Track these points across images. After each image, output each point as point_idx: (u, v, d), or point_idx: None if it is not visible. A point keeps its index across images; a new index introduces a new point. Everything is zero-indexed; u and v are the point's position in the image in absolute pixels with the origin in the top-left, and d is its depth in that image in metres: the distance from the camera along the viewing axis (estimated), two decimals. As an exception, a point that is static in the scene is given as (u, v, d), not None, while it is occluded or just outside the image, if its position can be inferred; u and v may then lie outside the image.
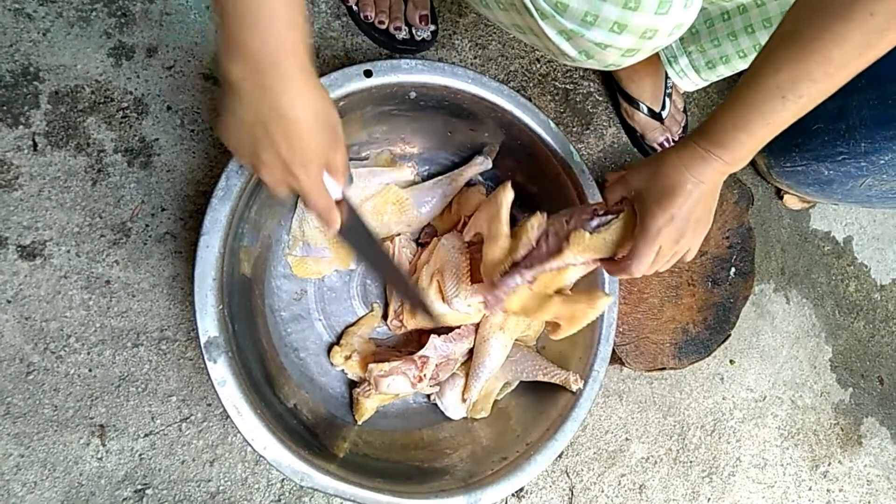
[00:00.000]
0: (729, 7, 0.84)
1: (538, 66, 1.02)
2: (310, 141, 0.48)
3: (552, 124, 0.83)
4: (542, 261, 0.67)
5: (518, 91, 0.92)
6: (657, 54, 0.95)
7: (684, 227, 0.62)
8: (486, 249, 0.72)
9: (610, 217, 0.67)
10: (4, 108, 0.78)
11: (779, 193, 1.21)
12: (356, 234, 0.69)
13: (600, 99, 1.07)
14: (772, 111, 0.53)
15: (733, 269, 1.07)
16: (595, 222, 0.67)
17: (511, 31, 0.67)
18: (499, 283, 0.69)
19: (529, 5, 0.58)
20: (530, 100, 0.85)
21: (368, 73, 0.74)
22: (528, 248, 0.69)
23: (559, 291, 0.70)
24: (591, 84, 1.07)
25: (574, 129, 1.05)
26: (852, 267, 1.29)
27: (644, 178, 0.63)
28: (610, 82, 1.05)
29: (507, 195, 0.73)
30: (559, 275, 0.68)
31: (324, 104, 0.48)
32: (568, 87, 1.05)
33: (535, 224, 0.69)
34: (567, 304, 0.69)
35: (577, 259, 0.67)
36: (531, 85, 1.02)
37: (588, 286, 0.87)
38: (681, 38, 0.91)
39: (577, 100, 1.05)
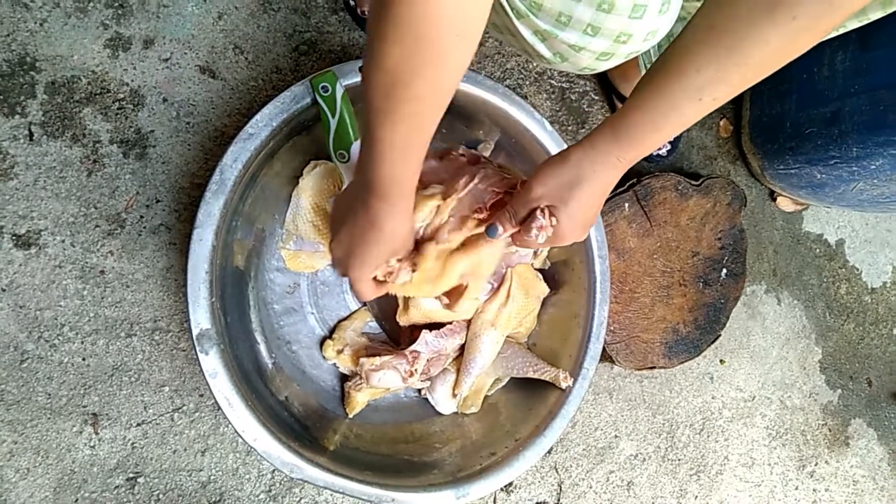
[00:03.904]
0: None
1: (534, 64, 1.03)
2: (380, 247, 0.61)
3: (547, 123, 0.84)
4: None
5: (514, 89, 0.92)
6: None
7: (577, 230, 0.62)
8: None
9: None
10: (1, 97, 0.78)
11: (772, 195, 1.22)
12: None
13: (596, 98, 1.08)
14: (688, 112, 0.51)
15: (725, 270, 1.08)
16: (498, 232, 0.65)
17: (489, 30, 0.67)
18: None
19: (505, 4, 0.58)
20: (526, 98, 0.85)
21: (364, 70, 0.75)
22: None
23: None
24: (587, 83, 1.07)
25: (569, 128, 1.06)
26: (844, 269, 1.30)
27: (555, 187, 0.59)
28: (605, 82, 1.06)
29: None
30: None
31: (404, 230, 0.61)
32: (564, 85, 1.05)
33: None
34: (469, 252, 0.69)
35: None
36: (527, 83, 1.02)
37: (577, 278, 0.87)
38: (658, 46, 0.91)
39: (573, 98, 1.06)
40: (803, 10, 0.43)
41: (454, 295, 0.75)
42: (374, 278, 0.67)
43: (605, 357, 1.01)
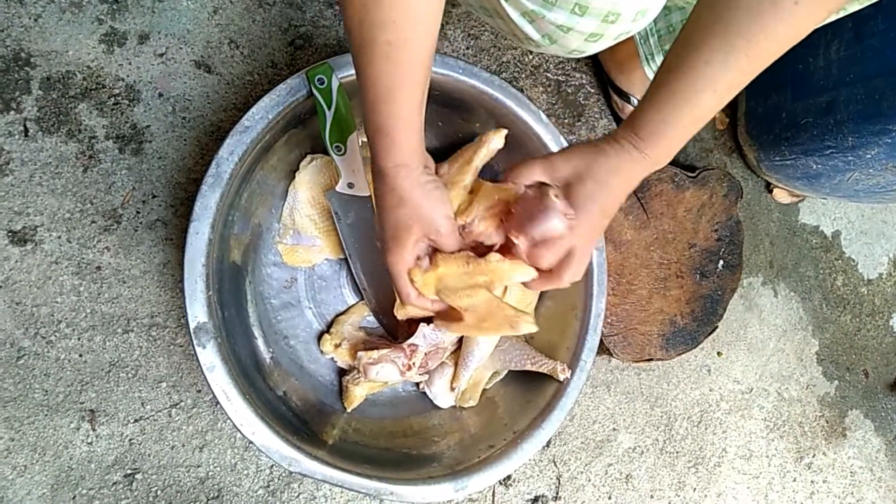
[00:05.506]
0: None
1: (530, 57, 1.03)
2: (399, 215, 0.59)
3: (543, 115, 0.84)
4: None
5: (510, 82, 0.92)
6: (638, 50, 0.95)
7: (603, 227, 0.60)
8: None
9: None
10: (-5, 93, 0.78)
11: (768, 187, 1.22)
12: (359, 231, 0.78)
13: (592, 91, 1.08)
14: (702, 104, 0.52)
15: (721, 262, 1.08)
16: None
17: (480, 14, 0.67)
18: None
19: None
20: (522, 90, 0.85)
21: (360, 63, 0.75)
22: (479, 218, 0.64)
23: (489, 286, 0.64)
24: (583, 76, 1.07)
25: (566, 121, 1.06)
26: (840, 261, 1.30)
27: (574, 171, 0.58)
28: (601, 74, 1.06)
29: (496, 141, 0.67)
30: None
31: (420, 196, 0.58)
32: (560, 78, 1.05)
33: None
34: (490, 304, 0.64)
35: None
36: (523, 76, 1.02)
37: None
38: (658, 36, 0.91)
39: (569, 91, 1.06)
40: None
41: (446, 316, 0.70)
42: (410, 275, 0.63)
43: (603, 349, 1.01)
